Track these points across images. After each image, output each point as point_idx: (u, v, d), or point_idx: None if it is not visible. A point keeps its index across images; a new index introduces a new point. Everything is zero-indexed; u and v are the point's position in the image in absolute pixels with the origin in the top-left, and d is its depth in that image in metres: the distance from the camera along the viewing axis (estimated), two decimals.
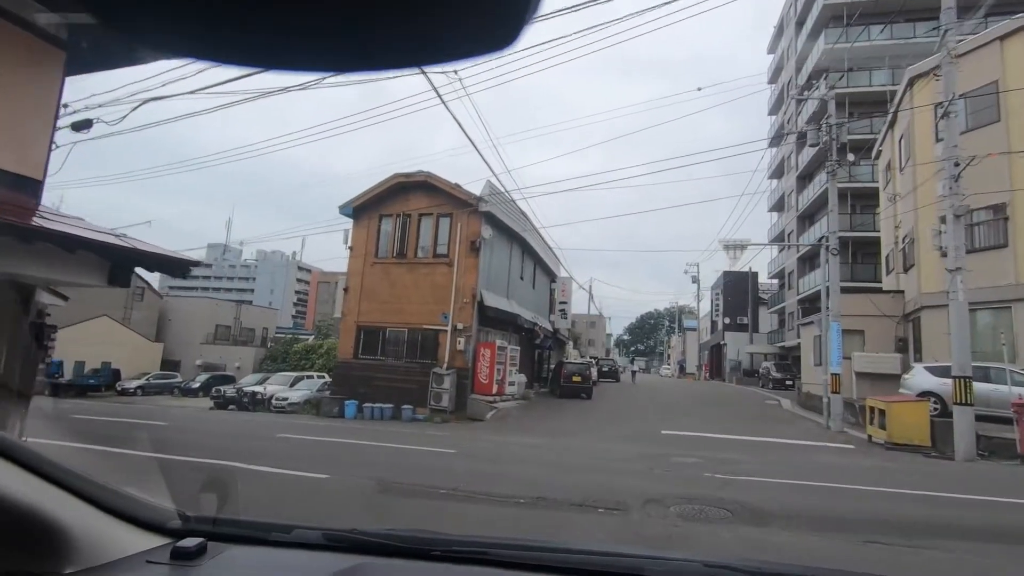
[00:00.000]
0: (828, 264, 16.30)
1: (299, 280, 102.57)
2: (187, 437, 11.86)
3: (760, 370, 35.41)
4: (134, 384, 32.67)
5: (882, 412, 12.32)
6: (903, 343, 17.85)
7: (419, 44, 0.57)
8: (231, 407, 22.82)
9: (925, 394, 13.13)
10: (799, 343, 34.40)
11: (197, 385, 31.94)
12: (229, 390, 23.61)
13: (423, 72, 12.31)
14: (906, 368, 17.33)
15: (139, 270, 6.18)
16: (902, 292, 18.40)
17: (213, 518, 1.44)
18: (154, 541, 1.26)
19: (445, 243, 19.75)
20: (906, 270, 17.86)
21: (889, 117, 19.53)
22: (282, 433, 12.83)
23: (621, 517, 5.83)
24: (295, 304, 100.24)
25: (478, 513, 6.07)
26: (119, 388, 32.31)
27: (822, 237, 16.64)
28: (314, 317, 69.60)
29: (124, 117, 9.11)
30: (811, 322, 20.45)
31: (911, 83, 17.14)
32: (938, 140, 16.05)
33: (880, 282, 23.47)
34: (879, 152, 22.18)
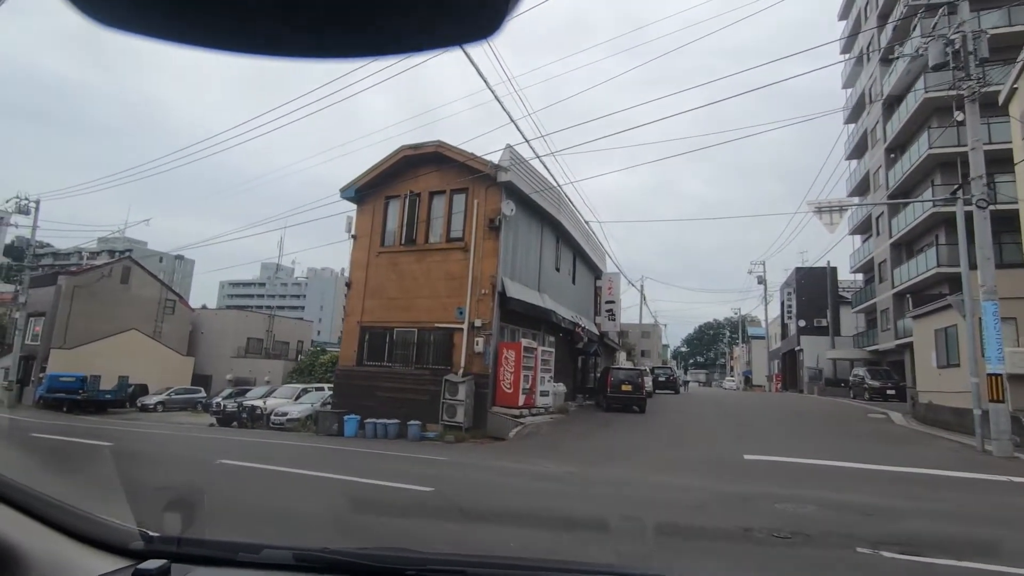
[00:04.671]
0: (961, 227, 11.85)
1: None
2: (91, 465, 8.89)
3: (850, 378, 29.97)
4: (154, 400, 31.02)
5: None
6: None
7: (401, 32, 0.57)
8: (233, 424, 20.23)
9: None
10: (898, 344, 29.04)
11: (218, 400, 29.86)
12: (230, 404, 21.00)
13: (467, 56, 10.72)
14: None
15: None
16: None
17: (178, 538, 1.34)
18: (115, 563, 1.18)
19: (460, 225, 16.45)
20: None
21: None
22: (225, 459, 9.69)
23: None
24: (344, 320, 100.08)
25: None
26: (139, 404, 30.70)
27: (956, 187, 12.16)
28: None
29: None
30: (940, 309, 15.68)
31: None
32: None
33: (1008, 265, 18.36)
34: (1011, 93, 17.31)
